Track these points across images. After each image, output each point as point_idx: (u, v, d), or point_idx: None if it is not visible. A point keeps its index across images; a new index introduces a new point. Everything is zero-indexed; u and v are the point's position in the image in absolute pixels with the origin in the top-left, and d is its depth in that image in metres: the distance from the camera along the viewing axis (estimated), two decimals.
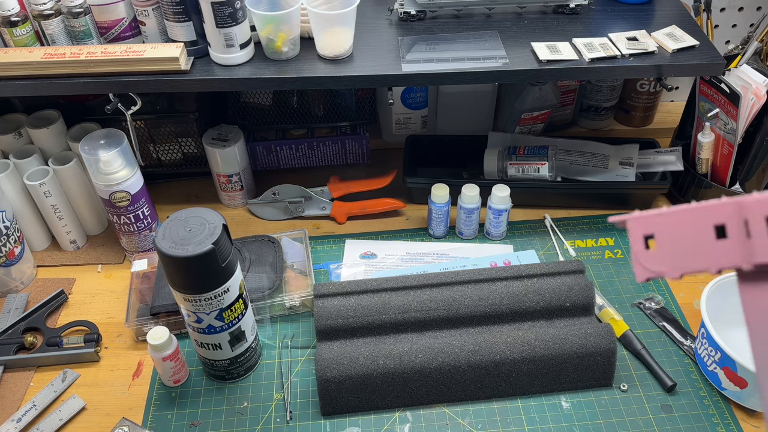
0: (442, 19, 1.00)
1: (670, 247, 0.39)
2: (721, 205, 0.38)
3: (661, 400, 0.84)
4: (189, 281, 0.74)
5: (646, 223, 0.39)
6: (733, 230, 0.37)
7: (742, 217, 0.37)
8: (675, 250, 0.39)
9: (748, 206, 0.37)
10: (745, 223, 0.37)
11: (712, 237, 0.38)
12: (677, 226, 0.39)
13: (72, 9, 0.88)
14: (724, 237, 0.38)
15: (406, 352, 0.82)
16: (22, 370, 0.90)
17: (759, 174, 0.99)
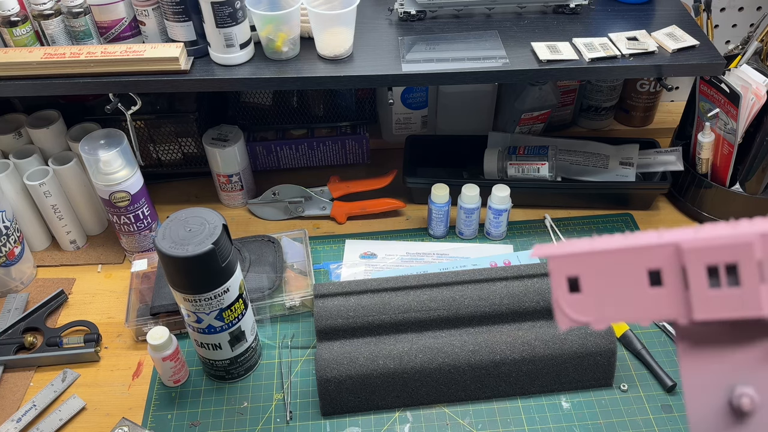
0: (442, 19, 1.00)
1: (596, 292, 0.33)
2: (656, 248, 0.32)
3: (661, 400, 0.84)
4: (189, 281, 0.74)
5: (570, 263, 0.33)
6: (669, 278, 0.32)
7: (679, 263, 0.32)
8: (602, 296, 0.33)
9: (687, 251, 0.31)
10: (682, 270, 0.32)
11: (646, 283, 0.33)
12: (605, 268, 0.33)
13: (72, 9, 0.88)
14: (658, 284, 0.32)
15: (406, 352, 0.82)
16: (22, 370, 0.90)
17: (759, 174, 0.99)
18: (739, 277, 0.31)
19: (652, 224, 1.09)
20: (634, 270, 0.33)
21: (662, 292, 0.32)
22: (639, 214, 1.11)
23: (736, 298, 0.31)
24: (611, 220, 1.10)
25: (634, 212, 1.11)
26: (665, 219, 1.10)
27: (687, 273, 0.31)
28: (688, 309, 0.32)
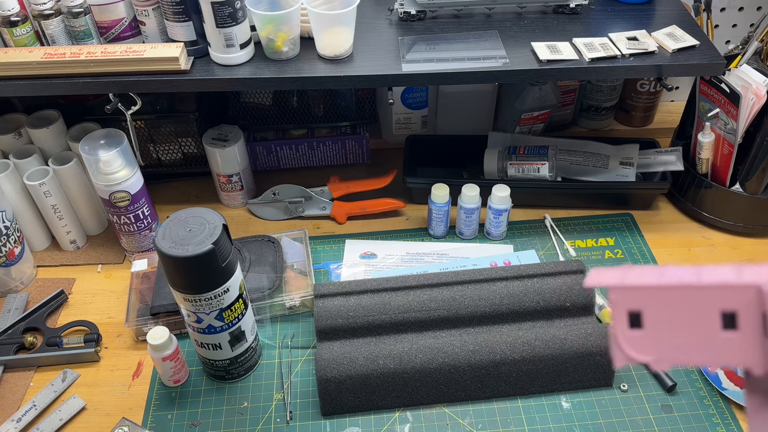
0: (442, 19, 1.00)
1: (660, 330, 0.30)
2: (734, 288, 0.28)
3: (661, 400, 0.84)
4: (189, 281, 0.74)
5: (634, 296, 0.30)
6: (746, 321, 0.29)
7: (761, 308, 0.28)
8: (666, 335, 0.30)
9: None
10: (763, 315, 0.28)
11: (718, 326, 0.29)
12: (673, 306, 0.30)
13: (72, 9, 0.88)
14: (733, 328, 0.29)
15: (406, 352, 0.82)
16: (22, 370, 0.90)
17: (759, 174, 0.99)
18: None
19: (653, 224, 1.09)
20: (705, 310, 0.29)
21: (737, 336, 0.29)
22: (639, 214, 1.11)
23: None
24: (611, 220, 1.10)
25: (634, 212, 1.11)
26: (665, 219, 1.10)
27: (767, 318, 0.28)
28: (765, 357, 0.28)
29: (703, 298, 0.29)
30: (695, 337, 0.29)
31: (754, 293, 0.28)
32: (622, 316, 0.31)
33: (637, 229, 1.08)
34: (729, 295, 0.28)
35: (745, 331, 0.28)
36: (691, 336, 0.30)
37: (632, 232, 1.08)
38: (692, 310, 0.29)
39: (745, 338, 0.28)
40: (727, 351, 0.29)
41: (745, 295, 0.28)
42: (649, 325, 0.30)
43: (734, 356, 0.29)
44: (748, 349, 0.28)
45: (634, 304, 0.30)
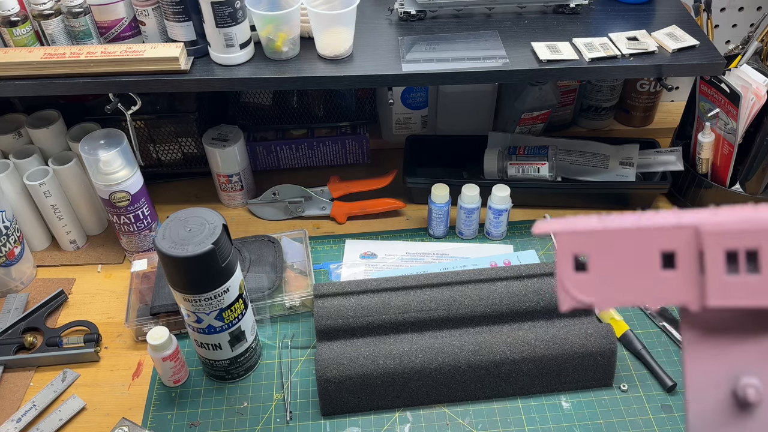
0: (442, 19, 1.00)
1: (603, 272, 0.32)
2: (673, 229, 0.30)
3: (661, 400, 0.84)
4: (189, 281, 0.74)
5: (578, 240, 0.32)
6: (683, 261, 0.30)
7: (697, 247, 0.30)
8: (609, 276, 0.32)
9: (707, 234, 0.29)
10: (699, 254, 0.30)
11: (657, 266, 0.31)
12: (616, 248, 0.31)
13: (72, 9, 0.88)
14: (671, 267, 0.31)
15: (406, 352, 0.82)
16: (22, 370, 0.90)
17: (759, 174, 0.99)
18: (760, 264, 0.29)
19: None
20: (646, 251, 0.31)
21: (675, 275, 0.31)
22: None
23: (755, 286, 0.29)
24: None
25: None
26: None
27: (704, 257, 0.30)
28: (702, 295, 0.30)
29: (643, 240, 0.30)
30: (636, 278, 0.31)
31: (692, 233, 0.29)
32: (567, 260, 0.32)
33: None
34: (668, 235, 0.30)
35: (683, 270, 0.30)
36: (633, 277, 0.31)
37: None
38: (633, 252, 0.31)
39: (683, 277, 0.30)
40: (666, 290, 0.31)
41: (683, 235, 0.30)
42: (593, 268, 0.31)
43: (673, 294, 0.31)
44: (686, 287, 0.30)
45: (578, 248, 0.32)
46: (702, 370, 0.31)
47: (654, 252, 0.31)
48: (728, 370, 0.31)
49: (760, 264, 0.28)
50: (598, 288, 0.32)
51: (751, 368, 0.30)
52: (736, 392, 0.30)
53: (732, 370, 0.31)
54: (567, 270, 0.32)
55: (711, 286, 0.29)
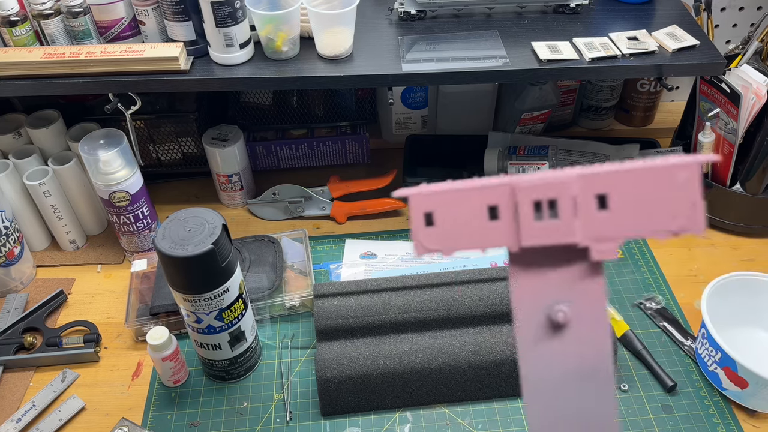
0: (442, 19, 1.00)
1: (446, 225, 0.39)
2: (495, 186, 0.38)
3: (661, 401, 0.84)
4: (188, 281, 0.74)
5: (426, 200, 0.39)
6: (504, 212, 0.38)
7: (513, 200, 0.38)
8: (451, 228, 0.39)
9: (519, 189, 0.37)
10: (515, 205, 0.38)
11: (486, 218, 0.39)
12: (455, 205, 0.39)
13: (71, 9, 0.88)
14: (496, 218, 0.38)
15: (406, 352, 0.82)
16: (22, 371, 0.90)
17: (759, 174, 0.99)
18: (558, 211, 0.37)
19: None
20: (477, 206, 0.39)
21: (499, 224, 0.38)
22: None
23: (555, 228, 0.37)
24: None
25: None
26: None
27: (518, 207, 0.37)
28: (518, 238, 0.38)
29: (474, 198, 0.38)
30: (471, 229, 0.39)
31: (509, 190, 0.37)
32: (419, 216, 0.39)
33: None
34: (492, 193, 0.38)
35: (504, 220, 0.38)
36: (468, 228, 0.39)
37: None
38: (468, 208, 0.39)
39: (504, 225, 0.38)
40: (493, 236, 0.38)
41: (503, 191, 0.38)
42: (438, 222, 0.39)
43: (498, 239, 0.39)
44: (507, 232, 0.38)
45: (427, 206, 0.39)
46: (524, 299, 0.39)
47: (483, 207, 0.38)
48: (544, 298, 0.38)
49: (558, 211, 0.37)
50: (442, 238, 0.39)
51: (561, 296, 0.38)
52: (550, 316, 0.38)
53: (547, 297, 0.38)
54: (419, 225, 0.39)
55: (524, 230, 0.38)
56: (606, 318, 0.39)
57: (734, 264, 1.02)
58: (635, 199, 0.36)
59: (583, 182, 0.37)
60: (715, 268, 1.01)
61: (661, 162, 0.35)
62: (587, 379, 0.39)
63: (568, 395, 0.39)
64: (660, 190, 0.36)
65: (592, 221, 0.37)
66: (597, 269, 0.38)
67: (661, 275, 1.00)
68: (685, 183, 0.35)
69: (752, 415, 0.82)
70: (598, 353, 0.38)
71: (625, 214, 0.36)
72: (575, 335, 0.38)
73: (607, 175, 0.37)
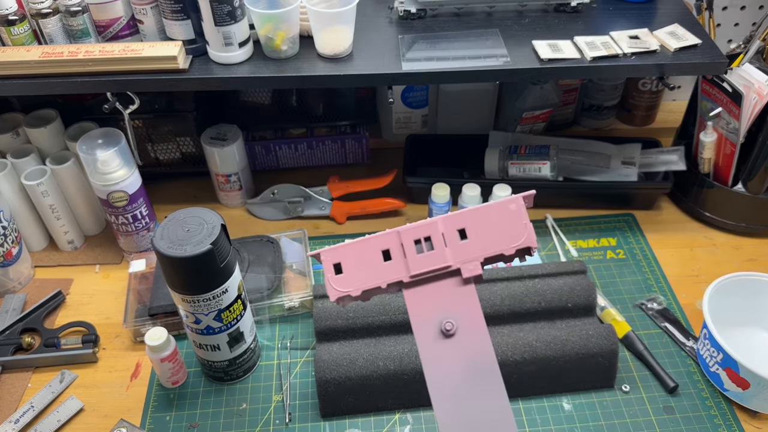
0: (442, 18, 0.99)
1: (352, 271, 0.48)
2: (386, 235, 0.49)
3: (663, 401, 0.83)
4: (187, 282, 0.74)
5: (334, 254, 0.49)
6: (394, 253, 0.48)
7: (399, 242, 0.48)
8: (355, 272, 0.48)
9: (402, 233, 0.48)
10: (401, 246, 0.48)
11: (381, 260, 0.48)
12: (356, 255, 0.48)
13: (70, 7, 0.87)
14: (389, 259, 0.49)
15: (407, 353, 0.82)
16: (20, 371, 0.90)
17: (761, 173, 0.99)
18: (433, 243, 0.48)
19: (655, 224, 1.09)
20: (374, 253, 0.49)
21: (392, 263, 0.48)
22: (641, 213, 1.11)
23: (433, 257, 0.48)
24: (613, 220, 1.09)
25: (636, 212, 1.11)
26: (667, 219, 1.10)
27: (404, 247, 0.48)
28: (408, 269, 0.48)
29: (370, 247, 0.49)
30: (371, 270, 0.48)
31: (395, 235, 0.49)
32: (330, 267, 0.49)
33: (639, 229, 1.08)
34: (383, 240, 0.49)
35: (395, 258, 0.49)
36: (369, 270, 0.48)
37: (634, 232, 1.07)
38: (366, 255, 0.49)
39: (396, 262, 0.49)
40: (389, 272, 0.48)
41: (391, 238, 0.49)
42: (346, 269, 0.49)
43: (393, 274, 0.48)
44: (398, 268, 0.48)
45: (335, 258, 0.49)
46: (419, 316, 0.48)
47: (378, 252, 0.49)
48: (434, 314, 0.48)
49: (433, 244, 0.48)
50: (350, 281, 0.48)
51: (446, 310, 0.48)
52: (441, 329, 0.47)
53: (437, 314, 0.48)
54: (330, 274, 0.49)
55: (411, 262, 0.48)
56: (483, 323, 0.48)
57: (736, 264, 1.01)
58: (485, 229, 0.48)
59: (446, 222, 0.49)
60: (716, 269, 1.00)
61: (497, 201, 0.49)
62: (479, 377, 0.47)
63: (466, 392, 0.47)
64: (501, 219, 0.48)
65: (458, 249, 0.48)
66: (469, 284, 0.48)
67: (662, 276, 1.00)
68: (516, 211, 0.48)
69: (754, 416, 0.82)
70: (483, 353, 0.47)
71: (480, 240, 0.48)
72: (462, 340, 0.47)
73: (462, 215, 0.49)
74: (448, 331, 0.47)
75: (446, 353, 0.47)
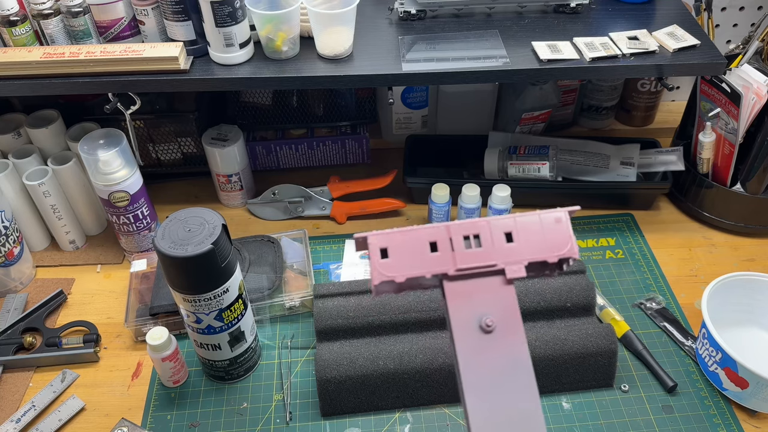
0: (442, 19, 1.00)
1: (399, 258, 0.49)
2: (435, 228, 0.50)
3: (662, 401, 0.84)
4: (188, 281, 0.74)
5: (383, 239, 0.50)
6: (442, 246, 0.50)
7: (448, 236, 0.50)
8: (402, 260, 0.49)
9: (452, 228, 0.50)
10: (450, 240, 0.50)
11: (428, 251, 0.50)
12: (404, 242, 0.50)
13: (71, 8, 0.88)
14: (435, 251, 0.50)
15: (407, 352, 0.82)
16: (22, 371, 0.90)
17: (760, 174, 0.99)
18: (481, 242, 0.50)
19: (653, 224, 1.09)
20: (421, 243, 0.50)
21: (439, 254, 0.49)
22: (640, 214, 1.11)
23: (480, 254, 0.49)
24: (612, 220, 1.10)
25: (635, 212, 1.11)
26: (666, 219, 1.10)
27: (452, 241, 0.50)
28: (454, 263, 0.49)
29: (419, 238, 0.50)
30: (417, 260, 0.49)
31: (445, 229, 0.50)
32: (377, 251, 0.49)
33: (638, 229, 1.08)
34: (431, 233, 0.50)
35: (442, 251, 0.49)
36: (415, 259, 0.49)
37: (633, 232, 1.08)
38: (414, 245, 0.50)
39: (442, 255, 0.49)
40: (435, 263, 0.49)
41: (440, 231, 0.50)
42: (392, 256, 0.49)
43: (438, 266, 0.49)
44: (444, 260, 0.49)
45: (383, 244, 0.49)
46: (460, 314, 0.49)
47: (425, 243, 0.50)
48: (474, 311, 0.49)
49: (481, 241, 0.50)
50: (396, 267, 0.49)
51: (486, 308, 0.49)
52: (481, 324, 0.48)
53: (476, 311, 0.49)
54: (377, 258, 0.49)
55: (458, 256, 0.49)
56: (521, 323, 0.49)
57: (735, 264, 1.02)
58: (531, 235, 0.50)
59: (495, 223, 0.51)
60: (715, 268, 1.00)
61: (545, 211, 0.51)
62: (515, 375, 0.48)
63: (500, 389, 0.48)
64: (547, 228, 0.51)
65: (504, 250, 0.50)
66: (511, 284, 0.50)
67: (661, 275, 1.00)
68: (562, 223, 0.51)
69: (753, 416, 0.82)
70: (520, 351, 0.49)
71: (526, 245, 0.50)
72: (501, 337, 0.48)
73: (512, 219, 0.51)
74: (489, 326, 0.48)
75: (484, 348, 0.48)
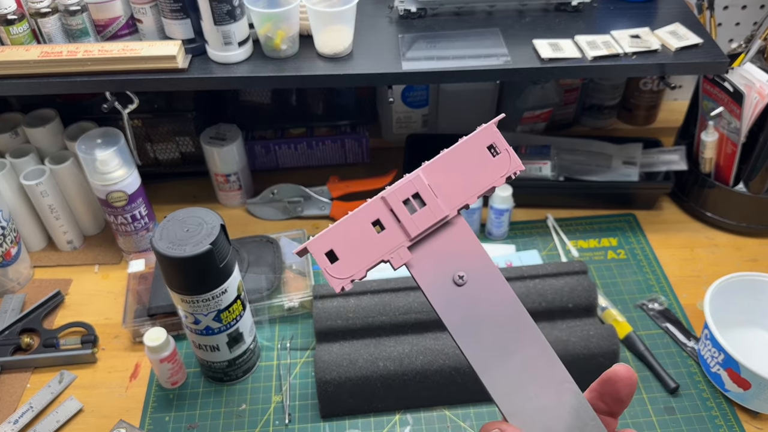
0: (442, 17, 0.99)
1: (348, 254, 0.44)
2: (370, 205, 0.44)
3: (664, 402, 0.83)
4: (186, 282, 0.73)
5: (322, 242, 0.44)
6: (386, 221, 0.44)
7: (388, 208, 0.44)
8: (352, 255, 0.44)
9: (388, 197, 0.44)
10: (391, 211, 0.44)
11: (374, 232, 0.45)
12: (346, 236, 0.44)
13: (69, 7, 0.87)
14: (382, 228, 0.45)
15: (407, 353, 0.82)
16: (19, 372, 0.90)
17: (763, 173, 0.99)
18: (423, 199, 0.45)
19: (656, 224, 1.08)
20: (363, 228, 0.44)
21: (386, 232, 0.44)
22: (642, 213, 1.10)
23: (428, 213, 0.45)
24: (614, 220, 1.09)
25: (637, 212, 1.10)
26: (668, 219, 1.09)
27: (394, 211, 0.44)
28: (406, 233, 0.44)
29: (358, 221, 0.44)
30: (367, 246, 0.44)
31: (381, 202, 0.44)
32: (322, 257, 0.44)
33: (640, 229, 1.07)
34: (370, 210, 0.44)
35: (389, 226, 0.44)
36: (365, 247, 0.44)
37: (635, 232, 1.07)
38: (357, 232, 0.44)
39: (391, 229, 0.44)
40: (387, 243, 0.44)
41: (378, 205, 0.44)
42: (339, 255, 0.44)
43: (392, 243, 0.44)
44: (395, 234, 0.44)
45: (324, 247, 0.44)
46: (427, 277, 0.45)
47: (368, 226, 0.44)
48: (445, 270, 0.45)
49: (423, 199, 0.45)
50: (349, 265, 0.44)
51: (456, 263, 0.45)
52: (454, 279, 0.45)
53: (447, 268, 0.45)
54: (326, 264, 0.44)
55: (406, 225, 0.44)
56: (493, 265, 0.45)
57: (737, 264, 1.01)
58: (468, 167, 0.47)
59: (427, 172, 0.47)
60: (717, 269, 1.00)
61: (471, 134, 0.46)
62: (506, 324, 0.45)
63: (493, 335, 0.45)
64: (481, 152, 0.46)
65: (448, 195, 0.46)
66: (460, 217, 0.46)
67: (663, 276, 0.99)
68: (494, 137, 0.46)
69: (755, 417, 0.82)
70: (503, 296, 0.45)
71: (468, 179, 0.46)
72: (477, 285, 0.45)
73: (441, 159, 0.47)
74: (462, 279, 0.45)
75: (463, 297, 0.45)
